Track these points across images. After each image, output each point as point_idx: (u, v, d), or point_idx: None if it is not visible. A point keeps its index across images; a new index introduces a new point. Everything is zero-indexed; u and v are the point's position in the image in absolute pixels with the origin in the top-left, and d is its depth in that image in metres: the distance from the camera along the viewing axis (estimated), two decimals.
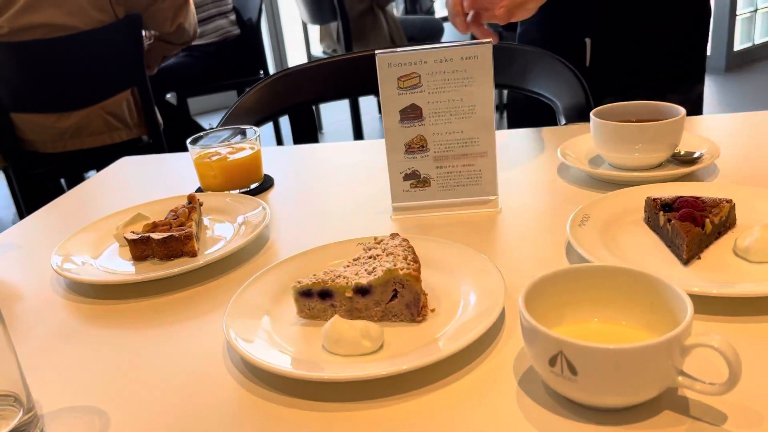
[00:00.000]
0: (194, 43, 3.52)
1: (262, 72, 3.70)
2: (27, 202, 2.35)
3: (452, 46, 0.80)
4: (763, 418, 0.45)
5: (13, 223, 2.76)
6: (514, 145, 1.08)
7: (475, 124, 0.82)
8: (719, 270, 0.62)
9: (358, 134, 3.80)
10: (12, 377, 0.50)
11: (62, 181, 2.68)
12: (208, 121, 4.13)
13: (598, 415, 0.47)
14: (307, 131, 1.63)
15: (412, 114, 0.82)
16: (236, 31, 3.62)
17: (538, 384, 0.50)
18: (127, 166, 1.22)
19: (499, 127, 2.17)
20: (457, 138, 0.83)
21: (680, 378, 0.45)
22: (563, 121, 1.25)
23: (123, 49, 2.34)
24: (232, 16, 3.60)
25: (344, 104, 4.01)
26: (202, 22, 3.48)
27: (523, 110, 1.57)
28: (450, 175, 0.85)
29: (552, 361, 0.45)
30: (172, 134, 2.66)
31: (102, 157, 2.18)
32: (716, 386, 0.44)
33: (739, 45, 4.64)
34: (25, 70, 2.26)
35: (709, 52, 4.63)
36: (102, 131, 2.33)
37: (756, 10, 4.68)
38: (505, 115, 3.97)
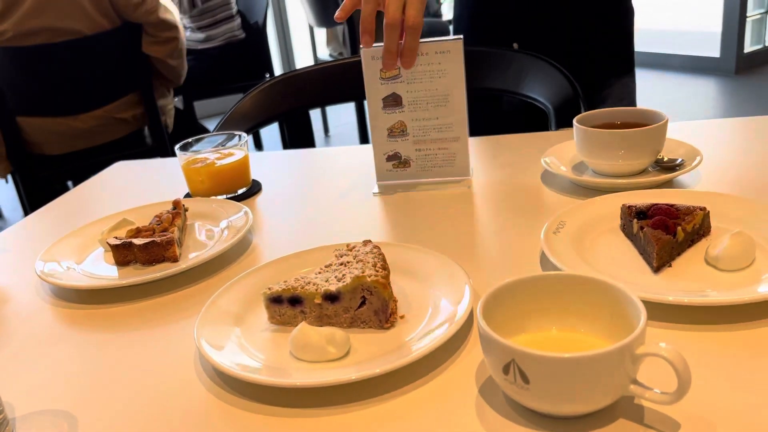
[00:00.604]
0: (200, 47, 3.57)
1: (267, 75, 3.72)
2: (33, 205, 2.38)
3: (427, 41, 0.87)
4: (715, 428, 0.45)
5: None
6: (501, 151, 1.08)
7: (448, 111, 0.91)
8: (689, 279, 0.62)
9: (364, 137, 3.81)
10: None
11: (69, 183, 2.71)
12: (215, 124, 4.16)
13: (554, 423, 0.47)
14: (303, 135, 1.64)
15: (392, 102, 0.91)
16: (242, 35, 3.64)
17: (498, 392, 0.51)
18: (120, 171, 1.24)
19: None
20: (433, 124, 0.92)
21: (632, 387, 0.46)
22: (554, 128, 1.25)
23: (127, 54, 2.37)
24: (238, 20, 3.63)
25: (351, 107, 4.02)
26: (208, 27, 3.51)
27: (519, 117, 1.59)
28: (427, 157, 0.94)
29: (505, 369, 0.45)
30: (179, 138, 2.69)
31: (107, 159, 2.21)
32: (667, 395, 0.44)
33: (749, 47, 4.60)
34: (30, 75, 2.29)
35: (718, 54, 4.62)
36: (106, 131, 2.36)
37: (767, 12, 4.64)
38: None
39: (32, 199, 2.40)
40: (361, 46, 0.89)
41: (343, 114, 4.52)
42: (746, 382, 0.49)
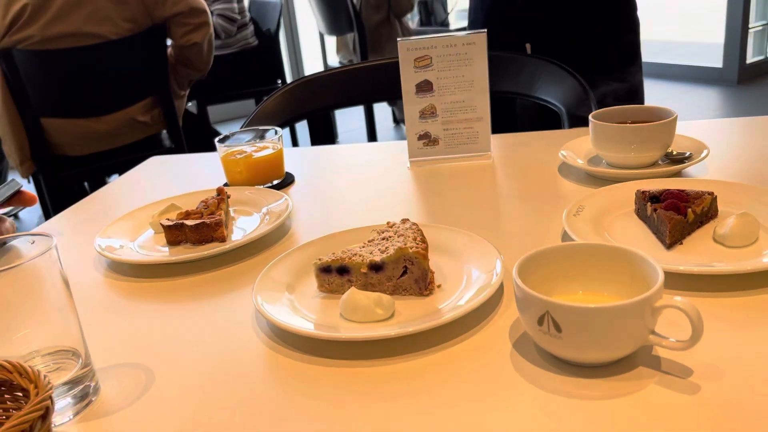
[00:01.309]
0: (214, 53, 3.64)
1: (279, 81, 3.80)
2: (54, 206, 2.45)
3: (456, 35, 1.01)
4: (724, 374, 0.51)
5: (38, 225, 2.85)
6: (520, 147, 1.15)
7: (473, 95, 1.06)
8: (698, 253, 0.69)
9: (373, 140, 3.89)
10: (73, 335, 0.57)
11: (86, 184, 2.78)
12: (228, 129, 4.24)
13: (581, 370, 0.53)
14: (325, 136, 1.71)
15: (425, 87, 1.05)
16: (255, 42, 3.72)
17: (530, 347, 0.57)
18: (154, 165, 1.31)
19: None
20: (459, 106, 1.05)
21: (651, 336, 0.52)
22: (567, 127, 1.32)
23: (148, 59, 2.45)
24: (251, 28, 3.71)
25: (359, 113, 4.09)
26: (228, 35, 3.59)
27: (532, 119, 1.66)
28: (454, 135, 1.08)
29: (540, 321, 0.52)
30: (192, 141, 2.76)
31: (125, 161, 2.29)
32: (682, 343, 0.51)
33: (751, 57, 4.68)
34: (54, 77, 2.36)
35: (720, 64, 4.70)
36: (126, 133, 2.43)
37: None
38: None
39: (53, 200, 2.47)
40: (398, 39, 0.99)
41: (349, 120, 4.59)
42: (749, 338, 0.55)
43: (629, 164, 0.92)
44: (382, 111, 4.61)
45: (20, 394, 0.51)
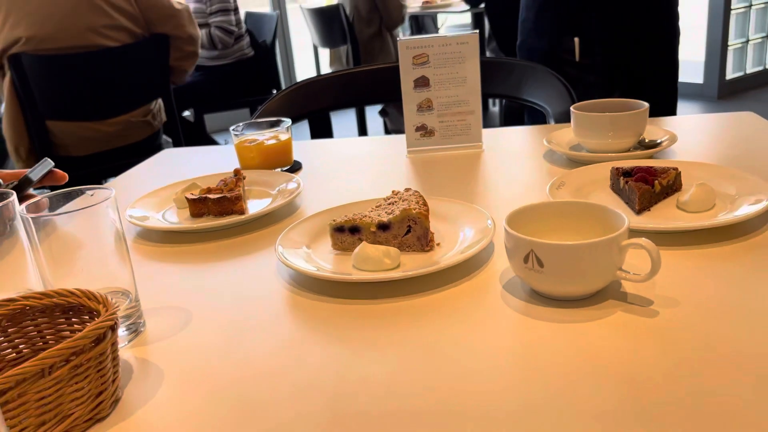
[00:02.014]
0: (211, 63, 3.75)
1: (274, 91, 3.91)
2: None
3: (451, 35, 1.11)
4: (679, 303, 0.61)
5: None
6: (509, 138, 1.25)
7: (466, 90, 1.15)
8: (663, 217, 0.79)
9: None
10: (126, 278, 0.66)
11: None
12: (223, 138, 4.34)
13: (560, 303, 0.63)
14: (324, 135, 1.81)
15: (422, 83, 1.15)
16: (251, 53, 3.83)
17: (518, 288, 0.67)
18: (169, 156, 1.40)
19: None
20: (453, 100, 1.15)
21: (619, 272, 0.62)
22: (552, 123, 1.43)
23: (152, 64, 2.54)
24: (247, 39, 3.82)
25: (351, 124, 4.20)
26: (225, 46, 3.69)
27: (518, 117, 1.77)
28: (448, 127, 1.18)
29: (525, 259, 0.62)
30: None
31: (126, 163, 2.37)
32: (643, 275, 0.61)
33: (731, 74, 4.85)
34: (60, 82, 2.45)
35: (701, 80, 4.86)
36: (129, 135, 2.52)
37: (747, 41, 4.89)
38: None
39: None
40: (398, 37, 1.10)
41: (341, 128, 4.70)
42: (701, 278, 0.66)
43: (607, 150, 1.03)
44: (374, 120, 4.72)
45: (87, 317, 0.60)
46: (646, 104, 1.03)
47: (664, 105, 1.59)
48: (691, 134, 1.15)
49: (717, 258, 0.70)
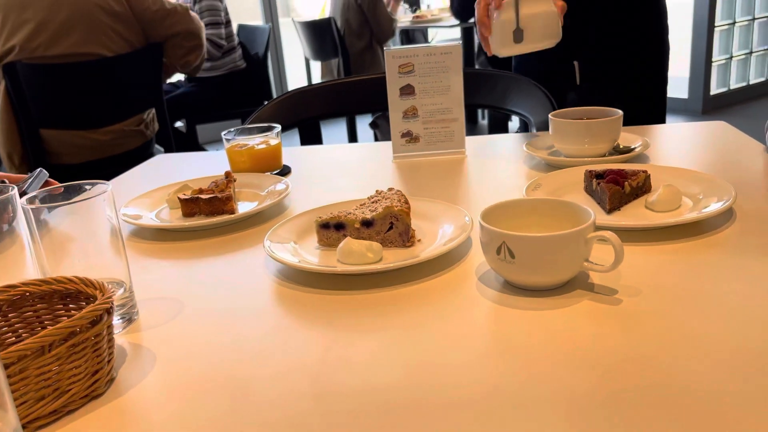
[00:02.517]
0: (204, 75, 3.79)
1: (266, 103, 3.95)
2: None
3: (434, 45, 1.14)
4: (640, 292, 0.65)
5: None
6: (491, 145, 1.30)
7: (449, 98, 1.19)
8: (632, 216, 0.83)
9: None
10: (122, 270, 0.70)
11: None
12: (216, 148, 4.37)
13: (531, 292, 0.67)
14: (314, 143, 1.85)
15: (407, 91, 1.19)
16: (243, 65, 3.88)
17: (492, 280, 0.71)
18: (162, 161, 1.44)
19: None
20: (437, 108, 1.19)
21: (585, 263, 0.66)
22: (535, 131, 1.48)
23: (146, 74, 2.58)
24: (239, 51, 3.87)
25: (342, 133, 4.25)
26: (212, 59, 3.74)
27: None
28: (433, 134, 1.22)
29: (498, 250, 0.66)
30: None
31: (118, 170, 2.40)
32: (608, 266, 0.65)
33: (715, 89, 4.94)
34: (54, 90, 2.49)
35: (686, 95, 4.95)
36: (122, 143, 2.55)
37: (731, 57, 4.99)
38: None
39: None
40: (385, 49, 1.13)
41: (328, 137, 4.75)
42: (663, 271, 0.70)
43: (583, 155, 1.07)
44: (365, 132, 4.77)
45: (84, 303, 0.63)
46: (620, 112, 1.08)
47: (655, 118, 1.64)
48: (664, 141, 1.20)
49: (679, 253, 0.74)
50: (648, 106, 1.67)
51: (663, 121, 1.71)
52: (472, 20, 4.16)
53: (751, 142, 1.13)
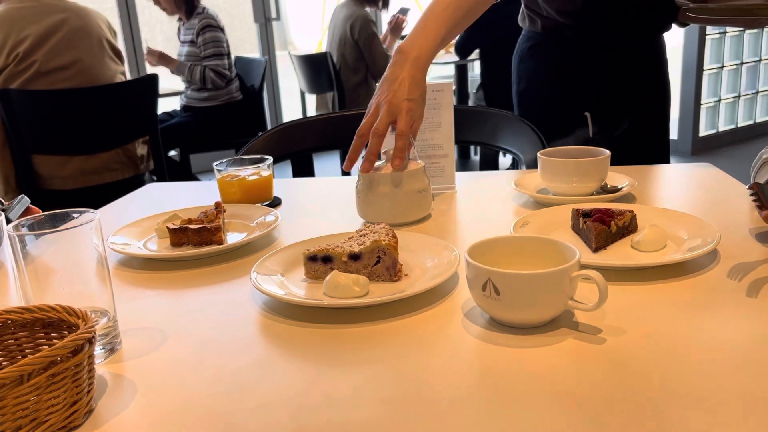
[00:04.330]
0: (200, 104, 3.82)
1: (260, 134, 3.97)
2: None
3: (427, 83, 1.12)
4: (624, 332, 0.66)
5: None
6: (481, 182, 1.31)
7: (441, 135, 1.20)
8: (618, 256, 0.84)
9: None
10: (107, 299, 0.69)
11: None
12: (208, 178, 4.38)
13: (516, 330, 0.67)
14: (306, 176, 1.86)
15: None
16: (239, 96, 3.92)
17: (478, 316, 0.71)
18: (152, 190, 1.44)
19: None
20: (428, 144, 1.20)
21: (570, 302, 0.66)
22: (524, 168, 1.49)
23: (140, 103, 2.60)
24: (236, 83, 3.91)
25: (334, 164, 4.27)
26: (210, 88, 3.77)
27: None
28: None
29: (483, 287, 0.66)
30: None
31: (109, 198, 2.40)
32: (592, 305, 0.65)
33: (704, 131, 5.02)
34: (47, 117, 2.50)
35: (676, 137, 5.02)
36: (116, 169, 2.56)
37: (719, 100, 5.08)
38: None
39: None
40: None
41: (320, 170, 4.77)
42: (648, 311, 0.70)
43: (571, 193, 1.08)
44: (356, 165, 4.79)
45: (65, 332, 0.63)
46: (608, 152, 1.09)
47: (660, 158, 1.64)
48: (651, 182, 1.21)
49: (664, 293, 0.74)
50: (652, 148, 1.68)
51: (667, 161, 1.73)
52: (470, 57, 4.24)
53: (737, 184, 1.15)
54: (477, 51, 4.09)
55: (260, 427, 0.54)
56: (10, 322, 0.62)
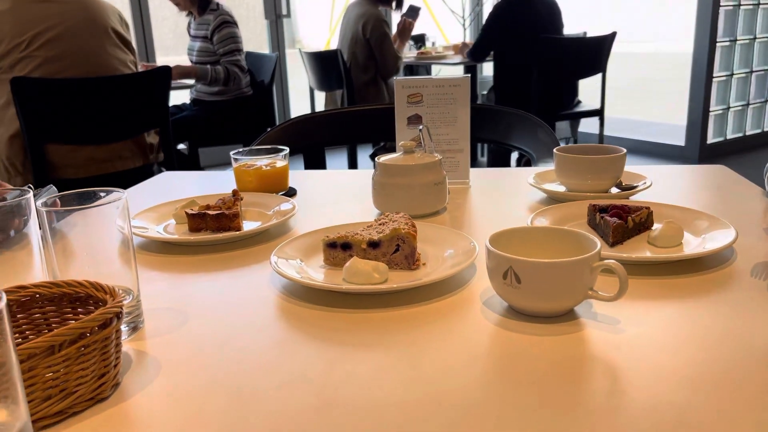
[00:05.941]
0: (210, 99, 3.83)
1: (269, 129, 3.98)
2: None
3: (444, 77, 1.16)
4: (642, 323, 0.66)
5: None
6: (495, 177, 1.32)
7: (456, 129, 1.20)
8: (634, 250, 0.85)
9: None
10: (131, 279, 0.70)
11: None
12: (217, 172, 4.39)
13: (536, 319, 0.68)
14: (318, 167, 1.87)
15: (415, 120, 1.20)
16: (250, 91, 3.93)
17: (497, 305, 0.72)
18: (168, 178, 1.45)
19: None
20: (443, 138, 1.20)
21: (590, 292, 0.67)
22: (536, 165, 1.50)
23: (153, 94, 2.61)
24: (247, 78, 3.92)
25: (342, 161, 4.28)
26: (238, 80, 3.79)
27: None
28: None
29: (504, 275, 0.67)
30: None
31: (122, 185, 2.42)
32: (612, 295, 0.66)
33: (711, 138, 5.02)
34: (59, 106, 2.51)
35: (683, 143, 5.02)
36: (127, 157, 2.57)
37: (728, 108, 5.08)
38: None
39: None
40: (395, 78, 1.15)
41: (328, 165, 4.78)
42: (666, 304, 0.71)
43: (586, 190, 1.09)
44: (365, 163, 4.81)
45: (92, 308, 0.64)
46: (624, 149, 1.10)
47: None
48: (666, 182, 1.22)
49: (681, 288, 0.75)
50: None
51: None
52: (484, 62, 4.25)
53: (751, 185, 1.15)
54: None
55: (284, 405, 0.55)
56: (38, 296, 0.63)
